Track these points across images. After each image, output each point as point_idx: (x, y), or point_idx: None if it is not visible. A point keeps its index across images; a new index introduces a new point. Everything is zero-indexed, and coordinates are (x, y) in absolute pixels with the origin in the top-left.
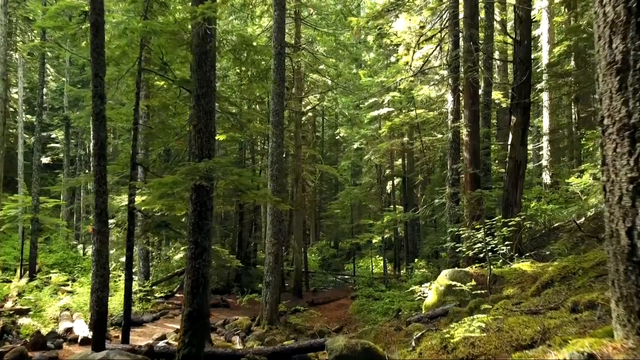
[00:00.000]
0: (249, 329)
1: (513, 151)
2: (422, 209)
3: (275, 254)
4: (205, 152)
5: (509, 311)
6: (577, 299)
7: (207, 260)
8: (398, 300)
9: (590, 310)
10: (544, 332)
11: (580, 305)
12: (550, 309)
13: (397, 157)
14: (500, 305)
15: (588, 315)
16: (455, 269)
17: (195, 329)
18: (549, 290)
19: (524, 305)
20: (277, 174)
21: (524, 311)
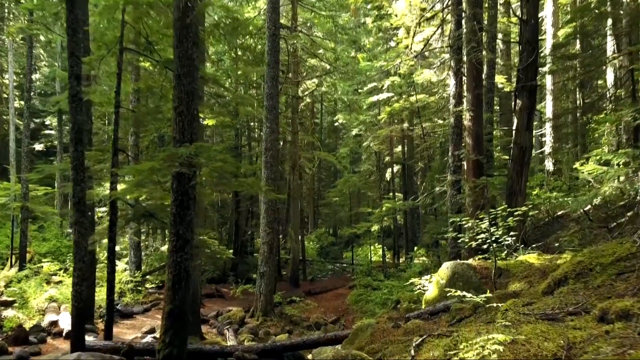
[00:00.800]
0: (242, 320)
1: (518, 137)
2: (422, 198)
3: (270, 244)
4: (187, 136)
5: (521, 315)
6: (606, 305)
7: (190, 254)
8: (397, 291)
9: (625, 321)
10: (568, 348)
11: (610, 313)
12: (570, 314)
13: (397, 143)
14: (509, 305)
15: (622, 329)
16: (458, 262)
17: (177, 328)
18: (564, 289)
19: (537, 307)
20: (272, 161)
21: (539, 315)
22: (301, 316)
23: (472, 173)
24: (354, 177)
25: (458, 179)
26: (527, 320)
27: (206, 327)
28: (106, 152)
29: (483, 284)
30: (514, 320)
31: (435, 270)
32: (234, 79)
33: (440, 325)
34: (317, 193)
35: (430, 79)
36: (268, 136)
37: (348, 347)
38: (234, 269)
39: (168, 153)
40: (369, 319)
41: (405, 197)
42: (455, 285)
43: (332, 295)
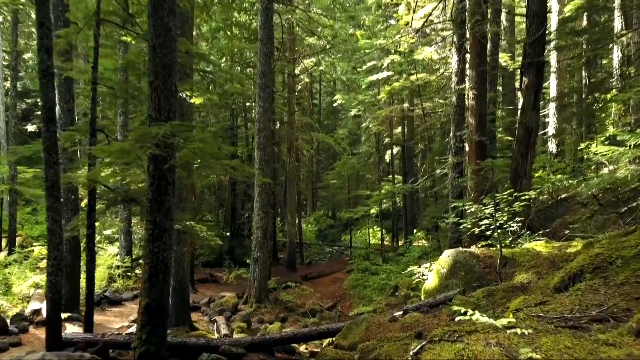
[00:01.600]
0: (235, 307)
1: (524, 116)
2: (422, 181)
3: (264, 229)
4: (164, 114)
5: (535, 318)
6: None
7: (169, 243)
8: (395, 276)
9: None
10: None
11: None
12: (594, 321)
13: (397, 124)
14: (519, 304)
15: None
16: (459, 249)
17: (155, 324)
18: (580, 286)
19: (552, 309)
20: (265, 142)
21: (557, 320)
22: (296, 302)
23: (475, 155)
24: (353, 159)
25: (460, 161)
26: (544, 327)
27: (197, 314)
28: (83, 132)
29: (486, 273)
30: (528, 326)
31: (435, 255)
32: (229, 58)
33: (441, 320)
34: (315, 175)
35: (431, 57)
36: (261, 116)
37: (341, 341)
38: (230, 253)
39: (140, 132)
40: (365, 307)
41: (404, 180)
42: (457, 275)
43: (329, 279)
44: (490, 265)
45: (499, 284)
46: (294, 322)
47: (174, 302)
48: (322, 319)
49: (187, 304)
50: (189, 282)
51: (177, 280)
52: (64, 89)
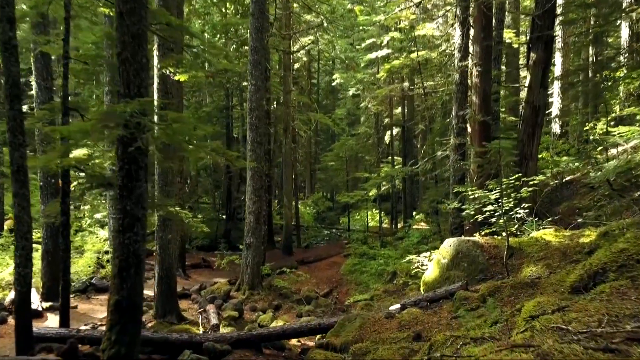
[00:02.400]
0: (228, 294)
1: (531, 94)
2: (422, 163)
3: (256, 213)
4: (134, 89)
5: (555, 331)
6: None
7: (142, 234)
8: (393, 261)
9: None
10: None
11: None
12: (632, 340)
13: (397, 105)
14: (533, 309)
15: None
16: (462, 238)
17: (126, 323)
18: (604, 288)
19: (576, 319)
20: (258, 123)
21: (584, 338)
22: (291, 289)
23: (478, 136)
24: (351, 140)
25: (462, 142)
26: (570, 350)
27: (187, 302)
28: (56, 112)
29: (491, 265)
30: (552, 347)
31: (435, 240)
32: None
33: (442, 318)
34: (313, 157)
35: (433, 34)
36: (253, 94)
37: (333, 339)
38: (226, 236)
39: (104, 112)
40: (362, 295)
41: (404, 161)
42: (459, 267)
43: (326, 264)
44: (495, 255)
45: (506, 278)
46: (287, 310)
47: (160, 291)
48: (318, 306)
49: (174, 293)
50: (175, 270)
51: (163, 268)
52: (40, 65)
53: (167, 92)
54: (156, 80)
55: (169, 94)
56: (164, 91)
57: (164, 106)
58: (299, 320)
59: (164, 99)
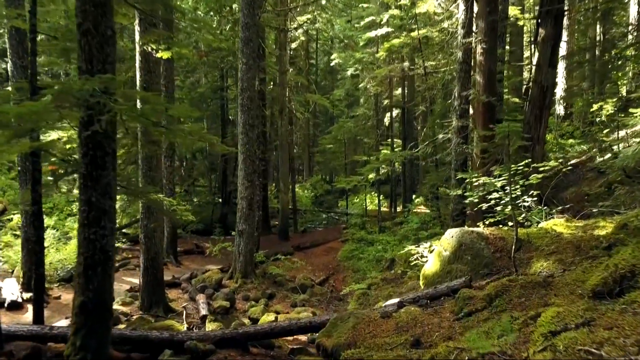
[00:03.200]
0: (219, 283)
1: (539, 73)
2: (423, 147)
3: (249, 199)
4: (98, 65)
5: (582, 355)
6: None
7: (110, 228)
8: (392, 248)
9: None
10: None
11: None
12: None
13: (397, 86)
14: (552, 319)
15: None
16: (465, 229)
17: (93, 326)
18: (636, 296)
19: (607, 340)
20: (250, 104)
21: None
22: (286, 276)
23: (482, 118)
24: (350, 122)
25: (465, 124)
26: None
27: (177, 291)
28: (25, 92)
29: (497, 259)
30: None
31: (434, 226)
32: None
33: (443, 319)
34: (312, 139)
35: (434, 11)
36: (244, 74)
37: (324, 340)
38: (222, 220)
39: (58, 89)
40: (359, 285)
41: (404, 144)
42: (462, 260)
43: (323, 250)
44: (502, 248)
45: (514, 274)
46: (282, 299)
47: (145, 281)
48: (313, 295)
49: (161, 283)
50: (162, 259)
51: (148, 258)
52: (15, 42)
53: (150, 71)
54: (138, 58)
55: (152, 73)
56: (146, 70)
57: (147, 86)
58: (293, 310)
59: (147, 78)
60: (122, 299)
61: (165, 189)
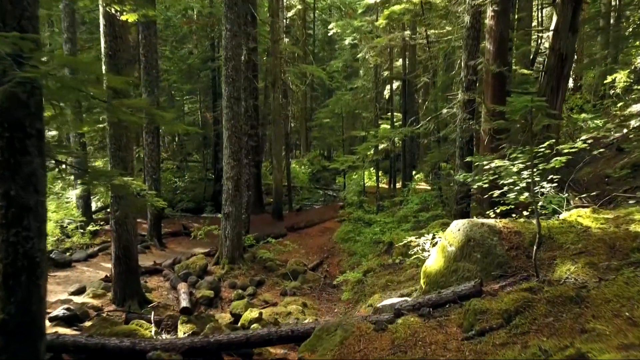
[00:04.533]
0: (204, 269)
1: (557, 40)
2: (425, 123)
3: (235, 179)
4: (12, 23)
5: None
6: None
7: (37, 228)
8: (390, 229)
9: None
10: None
11: None
12: None
13: (397, 56)
14: None
15: None
16: (474, 221)
17: (16, 350)
18: None
19: None
20: (235, 75)
21: None
22: (278, 260)
23: (492, 90)
24: (348, 95)
25: (472, 97)
26: None
27: (158, 279)
28: None
29: (512, 258)
30: None
31: (436, 207)
32: None
33: (450, 336)
34: (309, 112)
35: None
36: (229, 42)
37: (307, 356)
38: (214, 198)
39: None
40: (355, 274)
41: (404, 118)
42: (471, 258)
43: (318, 230)
44: (517, 245)
45: (535, 281)
46: (271, 286)
47: (117, 272)
48: (305, 282)
49: (135, 273)
50: (136, 247)
51: (119, 246)
52: None
53: (117, 37)
54: (102, 21)
55: (119, 39)
56: (112, 36)
57: (113, 54)
58: (282, 299)
59: (113, 45)
60: (94, 291)
61: (147, 167)
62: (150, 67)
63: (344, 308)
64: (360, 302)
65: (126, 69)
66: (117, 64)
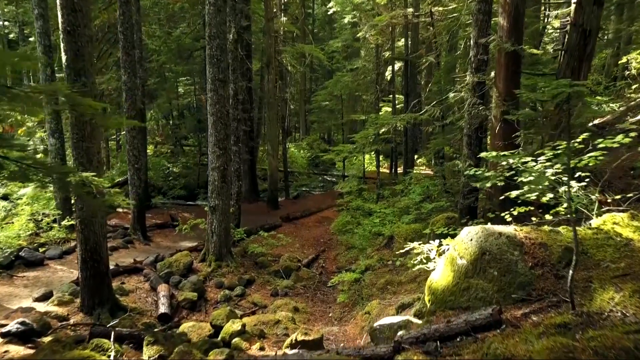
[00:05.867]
0: (189, 267)
1: (579, 14)
2: (429, 108)
3: (221, 170)
4: None
5: None
6: None
7: None
8: (390, 221)
9: None
10: None
11: None
12: None
13: (399, 36)
14: None
15: None
16: (490, 229)
17: None
18: None
19: None
20: (219, 54)
21: None
22: (270, 255)
23: (505, 71)
24: (347, 76)
25: (482, 79)
26: None
27: (137, 279)
28: None
29: (538, 277)
30: None
31: (439, 199)
32: None
33: None
34: (308, 94)
35: None
36: (212, 18)
37: None
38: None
39: None
40: (350, 275)
41: (406, 100)
42: (485, 274)
43: (315, 220)
44: (544, 261)
45: (571, 313)
46: (261, 286)
47: (85, 277)
48: (298, 280)
49: (105, 277)
50: (106, 248)
51: (86, 249)
52: None
53: (76, 10)
54: None
55: (79, 12)
56: (70, 8)
57: (71, 30)
58: (273, 300)
59: (71, 20)
60: (60, 297)
61: (129, 155)
62: (129, 47)
63: (340, 312)
64: (357, 305)
65: (88, 47)
66: (77, 42)
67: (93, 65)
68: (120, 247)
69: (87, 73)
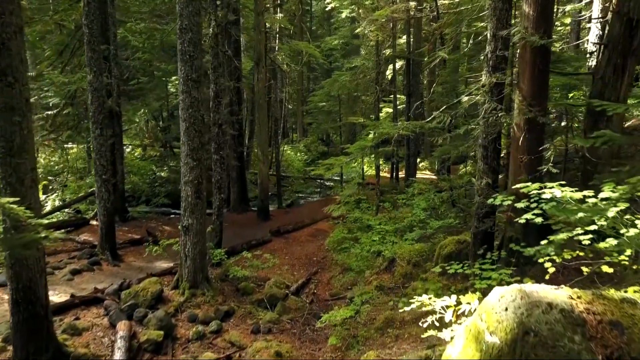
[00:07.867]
0: (158, 297)
1: (624, 2)
2: (438, 115)
3: (195, 183)
4: None
5: None
6: None
7: None
8: (391, 240)
9: None
10: None
11: None
12: None
13: (401, 33)
14: None
15: None
16: (533, 295)
17: None
18: None
19: None
20: (192, 51)
21: None
22: (255, 279)
23: (531, 70)
24: (346, 75)
25: (501, 80)
26: None
27: (96, 313)
28: None
29: None
30: None
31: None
32: None
33: None
34: (306, 95)
35: None
36: (184, 8)
37: None
38: None
39: None
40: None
41: (408, 101)
42: None
43: (309, 233)
44: (620, 352)
45: None
46: (242, 319)
47: (17, 321)
48: (285, 311)
49: (44, 320)
50: (44, 286)
51: (19, 288)
52: None
53: None
54: None
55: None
56: None
57: None
58: (253, 339)
59: None
60: None
61: (96, 165)
62: (95, 42)
63: (330, 357)
64: (351, 350)
65: (16, 39)
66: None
67: (25, 63)
68: (84, 269)
69: (16, 71)
